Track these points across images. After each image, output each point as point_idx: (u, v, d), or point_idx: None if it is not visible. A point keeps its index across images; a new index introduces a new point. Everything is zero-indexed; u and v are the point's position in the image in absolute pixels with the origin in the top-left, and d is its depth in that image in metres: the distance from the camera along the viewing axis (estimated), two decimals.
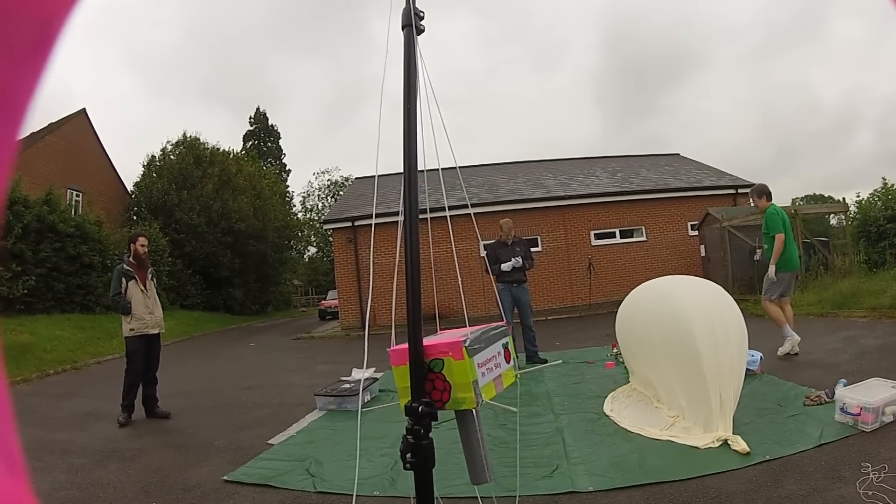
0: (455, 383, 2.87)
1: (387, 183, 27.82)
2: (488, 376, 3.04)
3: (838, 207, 25.25)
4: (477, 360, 2.94)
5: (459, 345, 2.87)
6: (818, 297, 17.42)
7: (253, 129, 79.06)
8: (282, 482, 6.29)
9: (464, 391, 2.87)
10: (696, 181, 31.17)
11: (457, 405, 2.91)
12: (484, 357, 3.03)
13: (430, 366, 2.90)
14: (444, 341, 2.95)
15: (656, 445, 6.49)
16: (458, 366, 2.86)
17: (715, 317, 7.08)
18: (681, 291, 7.98)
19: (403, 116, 2.98)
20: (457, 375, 2.86)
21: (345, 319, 28.88)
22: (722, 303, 7.52)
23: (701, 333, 6.87)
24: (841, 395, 6.52)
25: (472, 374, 2.87)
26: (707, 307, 7.26)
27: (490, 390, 3.04)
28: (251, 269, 46.93)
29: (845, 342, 11.59)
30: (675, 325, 7.31)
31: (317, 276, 78.19)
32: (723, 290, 8.07)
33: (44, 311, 23.62)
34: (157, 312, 10.35)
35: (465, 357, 2.86)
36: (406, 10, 3.11)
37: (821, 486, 4.92)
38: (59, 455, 7.81)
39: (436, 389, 2.89)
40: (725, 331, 6.95)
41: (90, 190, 36.47)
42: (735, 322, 7.25)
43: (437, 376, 2.89)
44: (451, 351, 2.87)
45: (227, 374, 15.76)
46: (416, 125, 3.01)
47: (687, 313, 7.23)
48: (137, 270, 10.19)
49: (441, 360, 2.88)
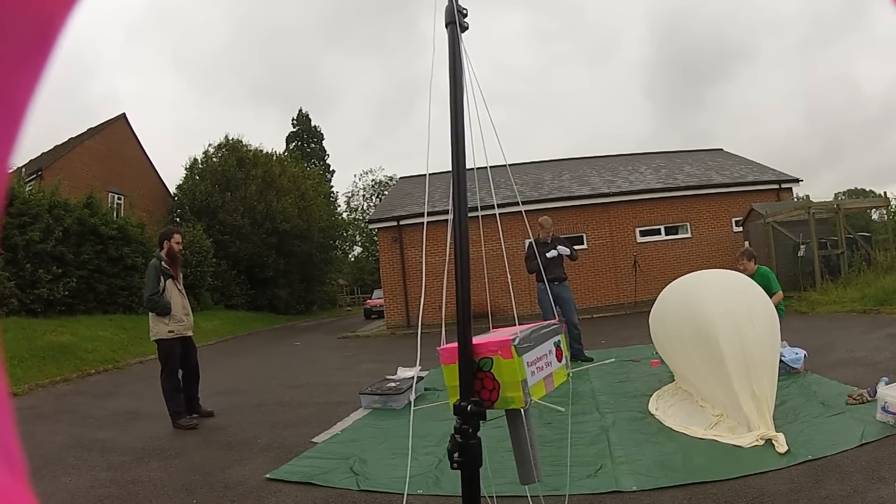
0: (504, 382, 2.85)
1: (432, 182, 27.89)
2: (538, 375, 3.02)
3: (880, 202, 25.02)
4: (526, 359, 2.91)
5: (508, 343, 2.85)
6: (861, 294, 17.29)
7: (296, 131, 79.63)
8: (325, 480, 6.29)
9: (512, 390, 2.84)
10: (739, 176, 30.81)
11: (505, 404, 2.88)
12: (534, 356, 3.01)
13: (479, 365, 2.88)
14: (493, 340, 2.94)
15: (700, 445, 6.45)
16: (507, 365, 2.84)
17: (739, 310, 7.07)
18: (703, 287, 7.99)
19: (451, 114, 2.97)
20: (505, 374, 2.84)
21: (390, 318, 28.95)
22: (748, 294, 7.51)
23: (723, 330, 6.88)
24: (882, 394, 6.42)
25: (521, 374, 2.85)
26: (730, 301, 7.26)
27: (540, 389, 3.02)
28: (296, 268, 47.29)
29: (888, 340, 11.43)
30: (698, 322, 7.32)
31: (362, 276, 78.72)
32: (750, 280, 8.07)
33: (85, 311, 23.90)
34: (191, 313, 10.26)
35: (514, 356, 2.83)
36: (449, 8, 3.10)
37: (860, 487, 4.87)
38: (100, 453, 7.90)
39: (485, 388, 2.87)
40: (752, 323, 6.92)
41: (132, 193, 37.05)
42: (763, 312, 7.23)
43: (487, 375, 2.87)
44: (500, 350, 2.85)
45: (271, 372, 15.85)
46: (464, 123, 3.00)
47: (708, 310, 7.24)
48: (173, 269, 9.97)
49: (490, 359, 2.86)
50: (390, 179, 75.70)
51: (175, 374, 9.68)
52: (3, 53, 0.56)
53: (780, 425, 6.41)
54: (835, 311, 16.89)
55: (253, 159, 45.81)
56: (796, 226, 22.34)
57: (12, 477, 0.58)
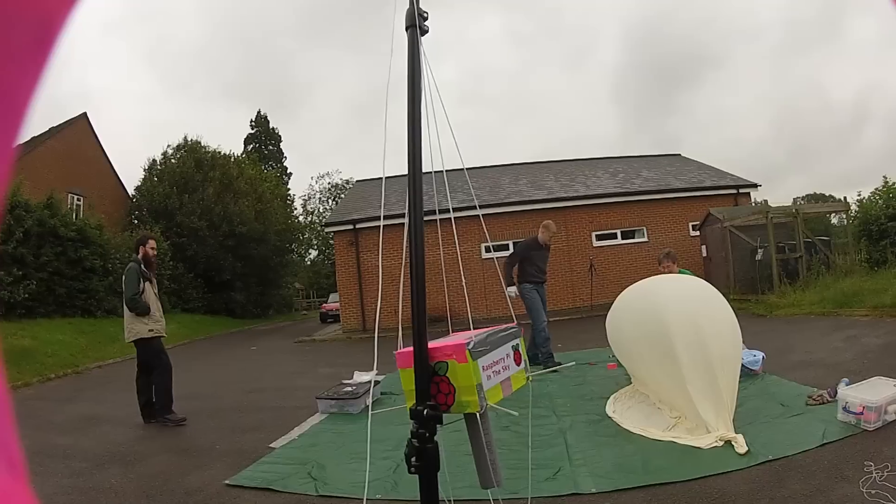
0: (459, 386, 2.85)
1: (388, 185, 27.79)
2: (495, 379, 3.02)
3: (839, 206, 25.34)
4: (482, 363, 2.92)
5: (463, 347, 2.84)
6: (820, 297, 17.53)
7: (254, 133, 78.67)
8: (284, 486, 6.29)
9: (468, 394, 2.85)
10: (697, 181, 31.19)
11: (461, 408, 2.89)
12: (490, 360, 3.01)
13: (435, 369, 2.88)
14: (448, 344, 2.94)
15: (659, 446, 6.50)
16: (461, 368, 2.84)
17: (699, 314, 7.12)
18: (662, 291, 8.05)
19: (408, 118, 2.97)
20: (461, 378, 2.84)
21: (346, 322, 28.83)
22: (708, 299, 7.57)
23: (679, 334, 6.94)
24: (843, 395, 6.52)
25: (475, 377, 2.85)
26: (689, 305, 7.32)
27: (497, 393, 3.02)
28: (253, 272, 46.82)
29: (847, 341, 11.62)
30: (656, 324, 7.38)
31: (318, 280, 77.97)
32: (710, 286, 8.12)
33: (45, 315, 23.59)
34: (163, 315, 10.37)
35: (468, 360, 2.84)
36: (410, 11, 3.10)
37: (824, 486, 4.93)
38: (61, 459, 7.79)
39: (440, 392, 2.87)
40: (714, 328, 6.98)
41: (91, 194, 36.52)
42: (724, 318, 7.29)
43: (442, 379, 2.87)
44: (454, 353, 2.85)
45: (228, 377, 15.75)
46: (421, 127, 3.00)
47: (665, 312, 7.31)
48: (149, 272, 10.21)
49: (445, 363, 2.86)
50: (346, 182, 75.55)
51: (169, 368, 9.97)
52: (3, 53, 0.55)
53: (739, 427, 6.48)
54: (793, 314, 17.11)
55: (211, 161, 45.49)
56: (754, 230, 22.66)
57: (12, 477, 0.58)
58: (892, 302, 14.45)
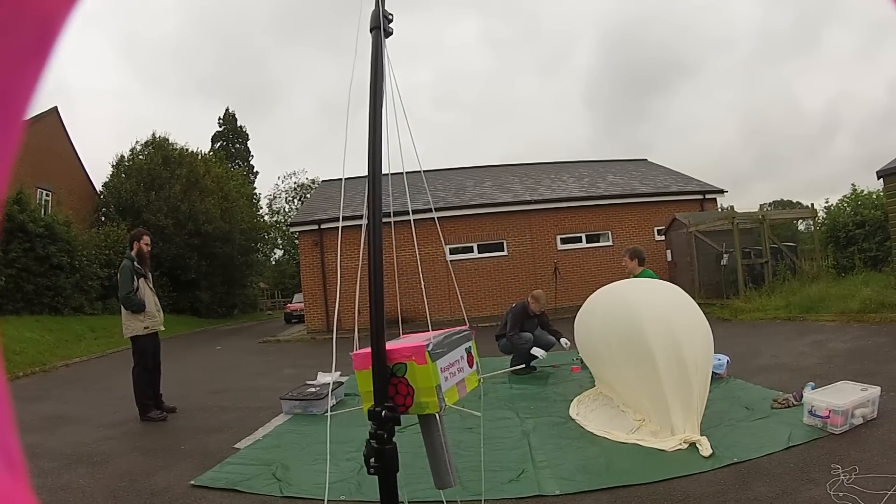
0: (418, 388, 2.87)
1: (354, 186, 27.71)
2: (451, 381, 3.05)
3: (806, 213, 25.54)
4: (440, 365, 2.95)
5: (422, 349, 2.87)
6: (785, 302, 17.73)
7: (222, 130, 78.18)
8: (249, 486, 6.28)
9: (427, 395, 2.87)
10: (663, 186, 31.39)
11: (420, 409, 2.91)
12: (447, 361, 3.04)
13: (392, 370, 2.90)
14: (407, 345, 2.96)
15: (623, 449, 6.55)
16: (421, 370, 2.86)
17: (674, 319, 7.15)
18: (635, 295, 8.05)
19: (369, 119, 2.98)
20: (420, 380, 2.87)
21: (310, 323, 28.75)
22: (682, 306, 7.62)
23: (655, 337, 6.96)
24: (809, 398, 6.60)
25: (435, 379, 2.88)
26: (664, 310, 7.35)
27: (453, 395, 3.05)
28: (218, 271, 46.51)
29: (813, 346, 11.75)
30: (629, 328, 7.39)
31: (283, 279, 77.34)
32: (682, 292, 8.18)
33: (13, 312, 23.49)
34: (161, 310, 10.63)
35: (427, 361, 2.86)
36: (374, 13, 3.10)
37: (790, 488, 4.98)
38: (29, 459, 7.45)
39: (399, 394, 2.89)
40: (688, 333, 7.02)
41: (60, 189, 35.92)
42: (698, 324, 7.33)
43: (401, 381, 2.89)
44: (413, 355, 2.87)
45: (193, 377, 15.62)
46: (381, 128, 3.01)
47: (641, 316, 7.31)
48: (143, 268, 10.38)
49: (404, 365, 2.88)
50: (312, 182, 75.25)
51: (147, 369, 10.08)
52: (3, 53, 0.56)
53: (704, 429, 6.54)
54: (759, 319, 17.30)
55: (178, 158, 45.19)
56: (720, 235, 22.87)
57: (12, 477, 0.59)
58: (859, 307, 14.62)
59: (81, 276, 28.24)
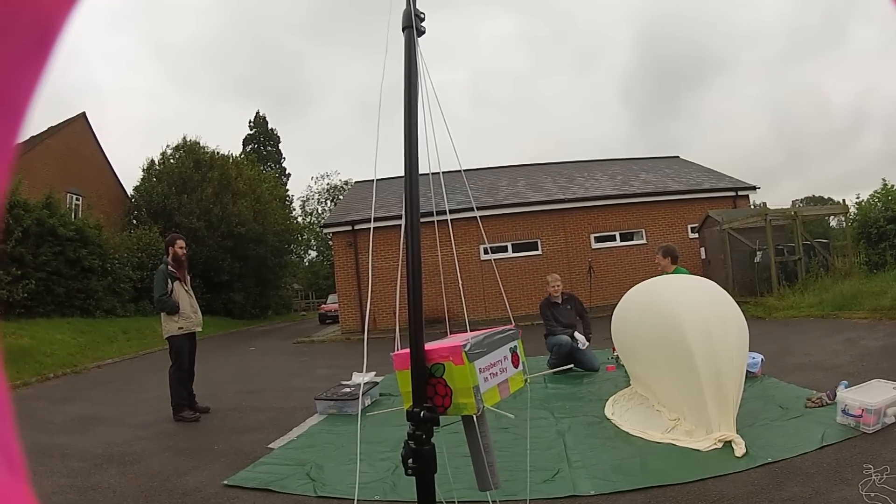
0: (456, 388, 2.85)
1: (386, 187, 27.84)
2: (492, 381, 3.02)
3: (838, 209, 25.24)
4: (478, 365, 2.92)
5: (459, 349, 2.85)
6: (818, 299, 17.52)
7: (253, 133, 78.64)
8: (282, 486, 6.28)
9: (465, 396, 2.85)
10: (695, 183, 31.10)
11: (458, 411, 2.89)
12: (487, 362, 3.01)
13: (431, 370, 2.88)
14: (444, 346, 2.94)
15: (658, 449, 6.49)
16: (458, 371, 2.85)
17: (710, 316, 7.07)
18: (672, 291, 7.98)
19: (404, 119, 2.96)
20: (457, 380, 2.85)
21: (345, 323, 28.77)
22: (718, 301, 7.51)
23: (693, 333, 6.87)
24: (842, 397, 6.51)
25: (472, 380, 2.86)
26: (701, 306, 7.27)
27: (494, 395, 3.02)
28: (251, 273, 46.69)
29: (846, 344, 11.61)
30: (667, 325, 7.32)
31: (317, 280, 77.53)
32: (717, 286, 8.07)
33: (44, 314, 23.56)
34: (199, 311, 10.77)
35: (465, 362, 2.84)
36: (406, 12, 3.09)
37: (823, 489, 4.91)
38: (59, 459, 7.78)
39: (437, 395, 2.87)
40: (724, 329, 6.93)
41: (90, 193, 36.38)
42: (734, 320, 7.24)
43: (439, 381, 2.87)
44: (451, 356, 2.85)
45: (227, 378, 15.65)
46: (417, 128, 2.99)
47: (677, 312, 7.24)
48: (179, 271, 10.58)
49: (442, 365, 2.87)
50: (345, 184, 75.33)
51: (182, 368, 10.27)
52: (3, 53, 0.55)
53: (739, 429, 6.44)
54: (792, 316, 17.11)
55: (210, 161, 45.37)
56: (753, 232, 22.62)
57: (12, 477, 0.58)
58: (890, 304, 14.44)
59: (113, 279, 28.50)
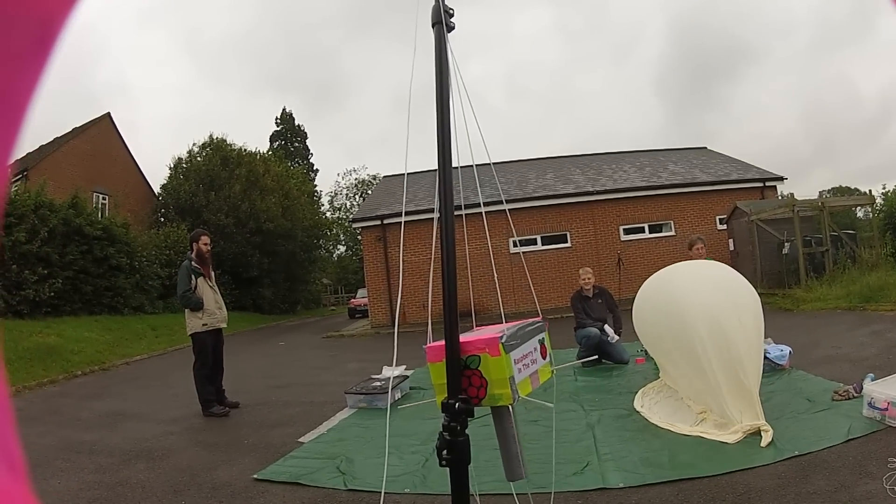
0: (492, 379, 2.86)
1: (416, 181, 27.86)
2: (524, 372, 3.04)
3: (865, 200, 25.12)
4: (514, 357, 2.93)
5: (496, 341, 2.86)
6: (846, 291, 17.36)
7: (280, 130, 79.13)
8: (312, 480, 6.30)
9: (500, 387, 2.86)
10: (723, 175, 30.87)
11: (493, 402, 2.91)
12: (520, 353, 3.03)
13: (466, 362, 2.89)
14: (480, 338, 2.95)
15: (686, 441, 6.48)
16: (494, 362, 2.85)
17: (722, 304, 7.05)
18: (680, 281, 7.98)
19: (437, 114, 2.97)
20: (493, 372, 2.86)
21: (374, 317, 28.96)
22: (732, 290, 7.44)
23: (702, 324, 6.89)
24: (869, 390, 6.45)
25: (508, 371, 2.87)
26: (711, 296, 7.23)
27: (526, 386, 3.04)
28: (280, 268, 46.91)
29: (873, 336, 11.50)
30: (676, 317, 7.36)
31: (346, 275, 77.73)
32: (732, 270, 8.06)
33: (71, 313, 23.75)
34: (224, 307, 10.83)
35: (501, 353, 2.85)
36: (436, 8, 3.09)
37: (848, 482, 4.90)
38: (87, 455, 7.86)
39: (472, 386, 2.88)
40: (736, 315, 6.92)
41: (116, 192, 36.57)
42: (750, 307, 7.20)
43: (474, 373, 2.88)
44: (487, 347, 2.86)
45: (256, 372, 15.75)
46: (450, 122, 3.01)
47: (685, 305, 7.27)
48: (203, 268, 10.60)
49: (478, 357, 2.88)
50: (374, 178, 75.33)
51: (206, 365, 10.31)
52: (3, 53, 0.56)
53: (767, 421, 6.37)
54: (819, 309, 16.98)
55: (237, 158, 45.59)
56: (781, 224, 22.42)
57: (12, 477, 0.58)
58: None
59: (141, 277, 28.69)
